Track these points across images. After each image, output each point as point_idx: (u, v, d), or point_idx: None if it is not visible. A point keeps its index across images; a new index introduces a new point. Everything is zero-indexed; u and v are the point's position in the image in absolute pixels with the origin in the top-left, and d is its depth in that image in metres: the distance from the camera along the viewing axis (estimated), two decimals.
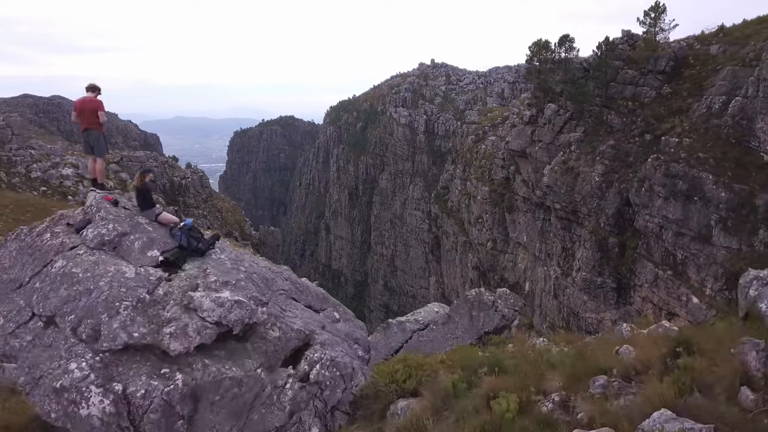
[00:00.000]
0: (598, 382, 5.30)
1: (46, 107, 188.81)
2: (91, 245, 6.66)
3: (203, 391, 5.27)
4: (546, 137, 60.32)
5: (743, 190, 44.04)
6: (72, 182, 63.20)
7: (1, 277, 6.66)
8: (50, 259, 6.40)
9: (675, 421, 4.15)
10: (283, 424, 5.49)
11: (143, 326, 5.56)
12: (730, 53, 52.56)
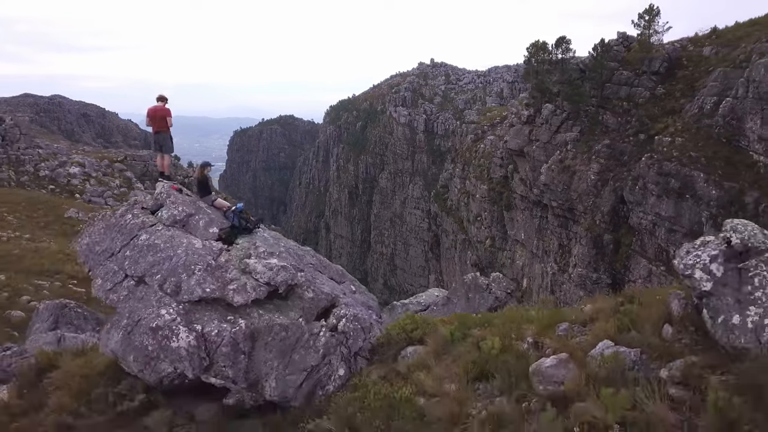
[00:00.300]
0: (561, 327, 6.90)
1: (47, 107, 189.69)
2: (167, 223, 8.30)
3: (259, 333, 6.84)
4: (543, 137, 61.90)
5: (733, 187, 45.59)
6: (79, 181, 64.85)
7: (95, 249, 8.29)
8: (135, 233, 8.01)
9: (613, 348, 5.73)
10: (317, 364, 7.05)
11: (212, 284, 7.15)
12: (722, 55, 54.14)
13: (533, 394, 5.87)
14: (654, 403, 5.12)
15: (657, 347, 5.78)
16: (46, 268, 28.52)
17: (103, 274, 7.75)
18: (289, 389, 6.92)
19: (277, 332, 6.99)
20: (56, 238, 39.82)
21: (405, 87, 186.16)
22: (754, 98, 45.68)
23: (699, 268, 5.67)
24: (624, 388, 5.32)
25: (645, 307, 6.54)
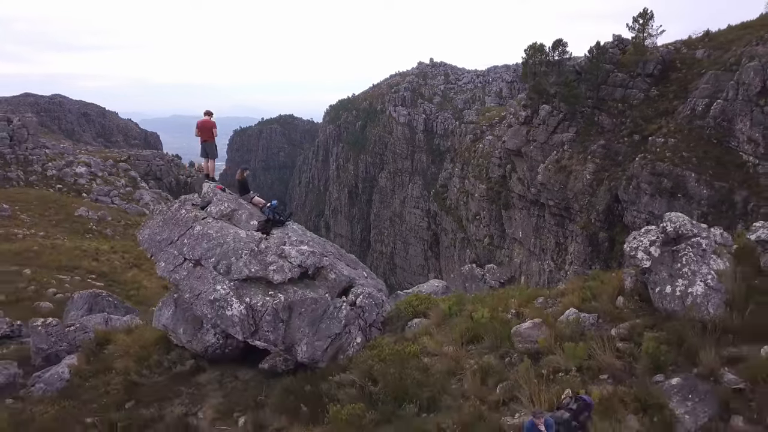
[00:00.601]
0: (538, 300, 8.52)
1: (48, 106, 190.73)
2: (215, 216, 9.90)
3: (295, 305, 8.42)
4: (540, 137, 63.53)
5: (723, 187, 47.21)
6: (86, 180, 66.44)
7: (155, 238, 9.91)
8: (190, 225, 9.61)
9: (576, 314, 7.35)
10: (339, 332, 8.66)
11: (256, 265, 8.74)
12: (714, 57, 55.80)
13: (514, 351, 7.50)
14: (604, 353, 6.74)
15: (610, 313, 7.39)
16: (64, 264, 30.09)
17: (165, 258, 9.39)
18: (317, 352, 8.52)
19: (308, 305, 8.61)
20: (69, 236, 41.40)
21: (404, 87, 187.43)
22: (743, 100, 47.30)
23: (641, 250, 7.28)
24: (582, 343, 6.93)
25: (605, 284, 8.17)
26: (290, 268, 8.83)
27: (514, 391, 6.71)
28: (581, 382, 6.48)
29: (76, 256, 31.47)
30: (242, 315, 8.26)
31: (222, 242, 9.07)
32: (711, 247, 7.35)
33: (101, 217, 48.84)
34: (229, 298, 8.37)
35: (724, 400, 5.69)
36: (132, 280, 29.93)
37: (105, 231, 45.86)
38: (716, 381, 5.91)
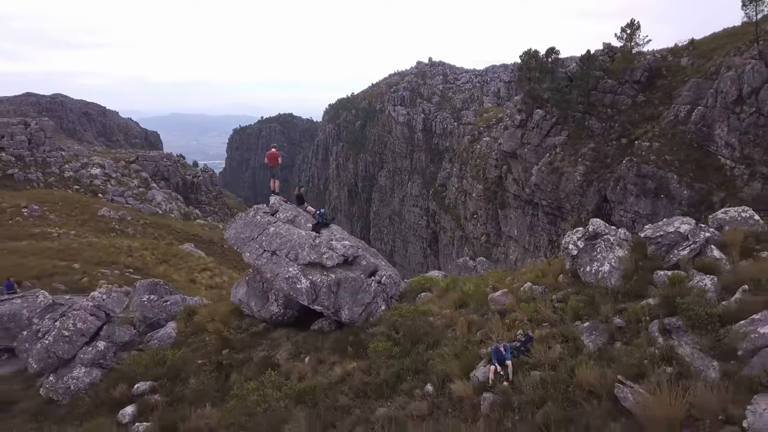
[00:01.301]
0: (508, 279, 12.41)
1: (49, 106, 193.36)
2: (283, 220, 13.69)
3: (341, 281, 12.19)
4: (534, 140, 67.48)
5: (702, 188, 51.10)
6: (101, 181, 70.22)
7: (240, 236, 13.72)
8: (266, 227, 13.41)
9: (530, 286, 11.24)
10: (370, 301, 12.45)
11: (314, 255, 12.51)
12: (698, 65, 59.73)
13: (489, 311, 11.38)
14: (546, 310, 10.63)
15: (553, 285, 11.27)
16: (103, 259, 33.95)
17: (249, 250, 13.18)
18: (355, 315, 12.30)
19: (350, 282, 12.38)
20: (97, 234, 45.19)
21: (403, 86, 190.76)
22: (721, 107, 51.17)
23: (572, 244, 11.15)
24: (533, 304, 10.83)
25: (551, 266, 12.05)
26: (337, 256, 12.61)
27: (489, 334, 10.56)
28: (530, 327, 10.33)
29: (112, 253, 35.31)
30: (307, 288, 12.02)
31: (290, 239, 12.86)
32: (617, 241, 11.19)
33: (122, 216, 52.60)
34: (298, 276, 12.13)
35: (612, 333, 9.55)
36: (163, 273, 33.78)
37: (127, 230, 49.61)
38: (608, 323, 9.74)
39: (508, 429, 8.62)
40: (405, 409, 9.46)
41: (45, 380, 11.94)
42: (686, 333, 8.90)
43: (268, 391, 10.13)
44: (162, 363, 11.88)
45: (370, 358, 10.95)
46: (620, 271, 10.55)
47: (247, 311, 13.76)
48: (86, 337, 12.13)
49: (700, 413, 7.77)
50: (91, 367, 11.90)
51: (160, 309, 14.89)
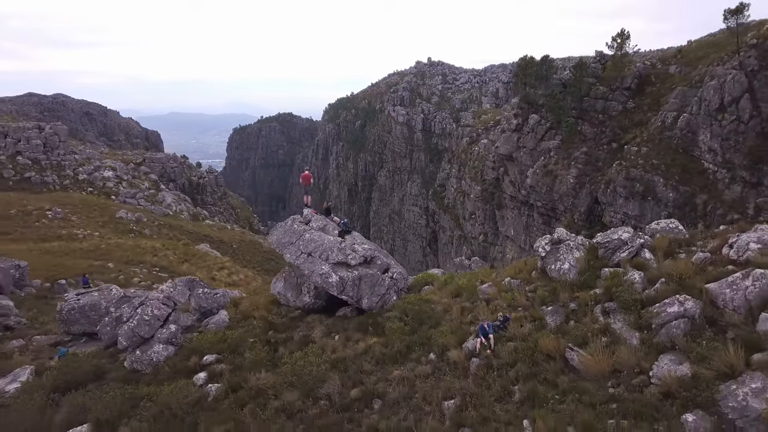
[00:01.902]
0: (494, 275, 15.79)
1: (51, 106, 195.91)
2: (315, 228, 17.07)
3: (362, 277, 15.53)
4: (529, 144, 70.98)
5: (687, 191, 54.61)
6: (113, 183, 73.62)
7: (282, 241, 17.11)
8: (302, 233, 16.80)
9: (510, 280, 14.63)
10: (384, 293, 15.80)
11: (341, 256, 15.87)
12: (684, 73, 63.22)
13: (478, 299, 14.83)
14: (521, 298, 14.10)
15: (527, 279, 14.71)
16: (131, 259, 37.38)
17: (289, 252, 16.56)
18: (373, 304, 15.67)
19: (369, 277, 15.77)
20: (118, 235, 48.60)
21: (403, 87, 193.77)
22: (705, 115, 54.66)
23: (540, 248, 14.59)
24: (511, 293, 14.29)
25: (527, 265, 15.48)
26: (358, 257, 15.98)
27: (477, 316, 13.97)
28: (508, 310, 13.74)
29: (138, 253, 38.74)
30: (337, 281, 15.40)
31: (322, 243, 16.24)
32: (575, 245, 14.60)
33: (138, 218, 55.98)
34: (329, 272, 15.51)
35: (567, 314, 12.98)
36: (187, 271, 37.23)
37: (144, 231, 53.01)
38: (565, 307, 13.13)
39: (489, 383, 12.09)
40: (414, 371, 12.93)
41: (129, 354, 15.33)
42: (619, 313, 12.38)
43: (310, 359, 13.55)
44: (223, 341, 15.29)
45: (386, 335, 14.40)
46: (576, 269, 14.02)
47: (284, 301, 17.19)
48: (161, 321, 15.50)
49: (622, 367, 11.24)
50: (166, 344, 15.28)
51: (213, 300, 18.29)
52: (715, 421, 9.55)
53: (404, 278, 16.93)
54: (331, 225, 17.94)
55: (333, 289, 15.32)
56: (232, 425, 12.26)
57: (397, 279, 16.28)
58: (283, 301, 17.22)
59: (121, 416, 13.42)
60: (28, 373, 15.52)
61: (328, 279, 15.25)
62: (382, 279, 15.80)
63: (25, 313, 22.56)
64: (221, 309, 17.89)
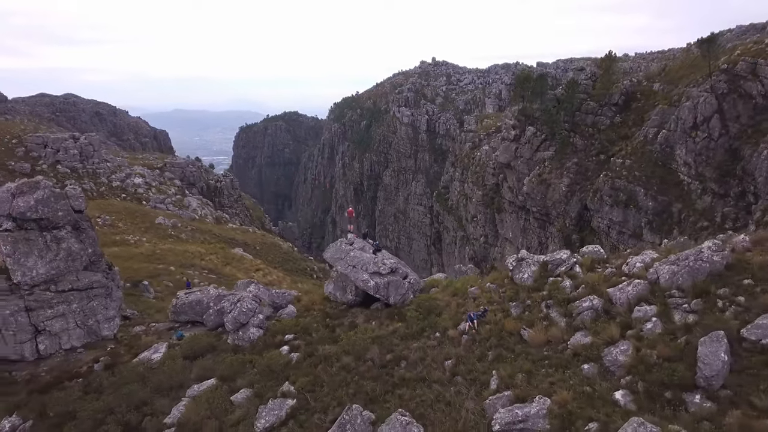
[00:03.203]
0: (479, 280, 23.43)
1: (62, 106, 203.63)
2: (357, 248, 24.65)
3: (390, 282, 22.94)
4: (526, 154, 78.67)
5: (664, 200, 62.34)
6: (143, 190, 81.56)
7: (334, 257, 24.71)
8: (348, 252, 24.33)
9: (490, 285, 22.39)
10: (404, 293, 23.21)
11: (375, 268, 23.32)
12: (666, 91, 70.83)
13: (468, 297, 22.58)
14: (496, 297, 21.90)
15: (501, 284, 22.35)
16: (184, 262, 45.19)
17: (340, 265, 24.18)
18: (397, 300, 23.18)
19: (394, 282, 23.34)
20: (160, 240, 56.37)
21: (408, 88, 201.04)
22: (681, 132, 62.36)
23: (509, 263, 22.26)
24: (490, 294, 22.06)
25: (502, 274, 23.21)
26: (387, 268, 23.58)
27: (467, 309, 21.71)
28: (487, 305, 21.48)
29: (188, 257, 46.58)
30: (373, 285, 23.03)
31: (362, 259, 23.86)
32: (533, 262, 22.21)
33: (173, 224, 63.87)
34: (368, 279, 23.12)
35: (525, 308, 20.69)
36: (230, 273, 45.08)
37: (180, 236, 60.87)
38: (524, 303, 20.78)
39: (473, 350, 19.85)
40: (425, 344, 20.71)
41: (232, 335, 23.07)
42: (555, 306, 20.13)
43: (358, 335, 21.34)
44: (297, 325, 23.07)
45: (406, 321, 22.18)
46: (532, 278, 21.80)
47: (333, 298, 24.95)
48: (252, 312, 23.20)
49: (553, 340, 18.97)
50: (257, 328, 22.99)
51: (283, 297, 26.02)
52: (599, 368, 17.29)
53: (418, 282, 24.63)
54: (367, 245, 25.65)
55: (370, 291, 23.05)
56: (311, 377, 20.09)
57: (413, 283, 24.00)
58: (332, 298, 24.98)
59: (235, 374, 21.26)
60: (164, 347, 23.39)
61: (368, 284, 22.97)
62: (402, 283, 23.52)
63: (128, 307, 30.37)
64: (289, 304, 25.63)
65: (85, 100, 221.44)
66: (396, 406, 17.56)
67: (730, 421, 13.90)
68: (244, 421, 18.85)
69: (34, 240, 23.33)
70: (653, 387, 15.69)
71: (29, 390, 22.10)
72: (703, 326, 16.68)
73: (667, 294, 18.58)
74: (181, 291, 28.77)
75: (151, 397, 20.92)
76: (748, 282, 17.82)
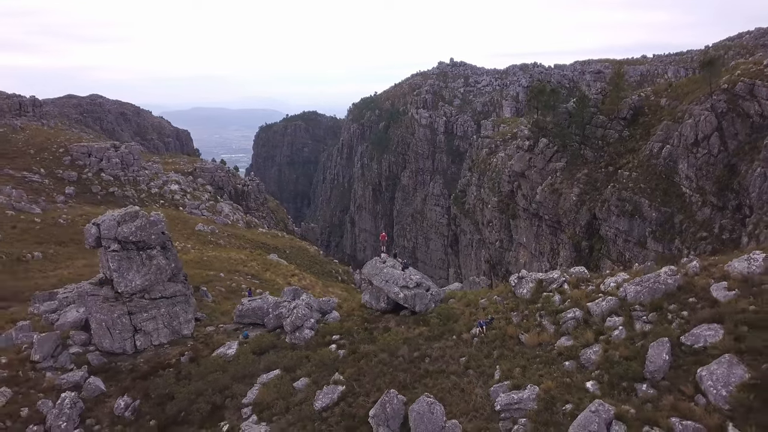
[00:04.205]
0: (487, 293, 29.43)
1: (89, 107, 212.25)
2: (389, 266, 30.73)
3: (416, 294, 28.79)
4: (539, 164, 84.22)
5: (667, 211, 67.63)
6: (179, 196, 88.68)
7: (371, 273, 30.82)
8: (381, 269, 30.32)
9: (496, 297, 28.44)
10: (427, 302, 29.13)
11: (403, 282, 29.33)
12: (672, 107, 75.89)
13: (478, 307, 28.66)
14: (500, 307, 27.97)
15: (505, 297, 28.48)
16: (229, 269, 51.75)
17: (376, 280, 30.15)
18: (422, 308, 29.06)
19: (420, 294, 29.27)
20: (202, 246, 63.07)
21: (426, 90, 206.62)
22: (683, 147, 67.55)
23: (511, 281, 28.21)
24: (496, 305, 28.12)
25: (506, 288, 29.13)
26: (414, 283, 29.54)
27: (477, 317, 27.68)
28: (493, 314, 27.43)
29: (233, 264, 53.16)
30: (403, 297, 29.01)
31: (393, 275, 29.84)
32: (530, 279, 28.07)
33: (212, 230, 70.64)
34: (398, 291, 29.08)
35: (524, 317, 26.70)
36: (270, 278, 51.55)
37: (219, 241, 67.59)
38: (522, 313, 26.78)
39: (482, 350, 25.95)
40: (445, 344, 26.85)
41: (290, 335, 29.36)
42: (546, 316, 26.14)
43: (392, 337, 27.54)
44: (341, 328, 29.32)
45: (429, 326, 28.33)
46: (530, 292, 27.80)
47: (368, 306, 31.16)
48: (306, 317, 29.45)
49: (544, 342, 24.97)
50: (310, 330, 29.25)
51: (328, 304, 32.30)
52: (576, 364, 23.27)
53: (438, 294, 30.71)
54: (397, 263, 31.81)
55: (400, 301, 29.21)
56: (356, 369, 26.33)
57: (434, 294, 30.10)
58: (368, 305, 31.21)
59: (295, 366, 27.60)
60: (235, 344, 29.82)
61: (398, 295, 29.13)
62: (426, 295, 29.64)
63: (198, 311, 36.90)
64: (333, 310, 31.89)
65: (111, 100, 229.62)
66: (422, 392, 23.69)
67: (665, 403, 19.79)
68: (305, 401, 25.15)
69: (133, 258, 29.86)
70: (614, 378, 21.61)
71: (133, 377, 28.66)
72: (655, 334, 22.58)
73: (631, 308, 24.48)
74: (244, 298, 35.22)
75: (231, 383, 27.35)
76: (692, 300, 23.63)
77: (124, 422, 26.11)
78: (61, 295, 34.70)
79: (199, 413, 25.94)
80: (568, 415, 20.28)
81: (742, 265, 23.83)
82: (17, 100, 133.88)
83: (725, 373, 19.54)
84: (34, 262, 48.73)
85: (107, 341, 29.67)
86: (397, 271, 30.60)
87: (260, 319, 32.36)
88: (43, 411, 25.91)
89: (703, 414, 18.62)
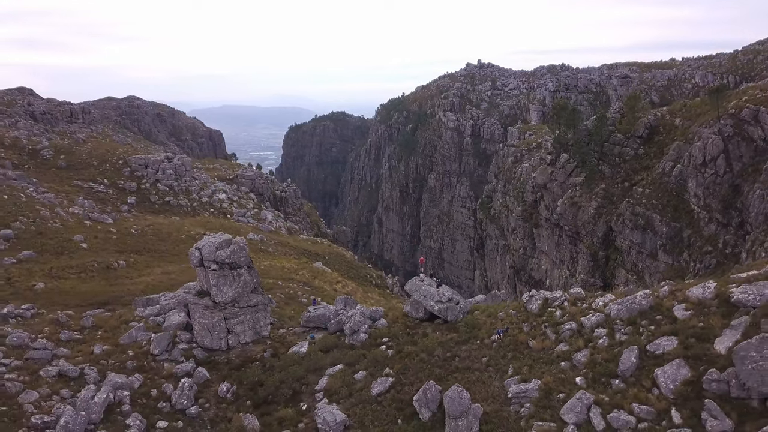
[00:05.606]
0: (504, 306, 38.08)
1: (127, 109, 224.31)
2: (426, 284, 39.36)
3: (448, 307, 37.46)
4: (560, 178, 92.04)
5: (677, 226, 75.09)
6: (227, 204, 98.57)
7: (411, 289, 39.69)
8: (420, 286, 39.09)
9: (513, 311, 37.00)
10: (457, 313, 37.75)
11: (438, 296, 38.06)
12: (685, 127, 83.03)
13: (497, 318, 37.25)
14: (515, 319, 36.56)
15: (519, 311, 36.98)
16: (284, 277, 61.00)
17: (417, 294, 38.72)
18: (453, 318, 37.53)
19: (451, 307, 37.74)
20: (256, 254, 72.40)
21: (453, 93, 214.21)
22: (692, 167, 74.91)
23: (524, 298, 36.72)
24: (511, 317, 36.75)
25: (519, 304, 37.64)
26: (446, 298, 37.93)
27: (496, 326, 36.25)
28: (509, 324, 35.88)
29: (286, 272, 62.40)
30: (438, 309, 37.46)
31: (430, 291, 38.25)
32: (539, 298, 36.41)
33: (261, 239, 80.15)
34: (434, 304, 37.44)
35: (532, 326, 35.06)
36: (319, 285, 60.65)
37: (268, 249, 77.03)
38: (531, 323, 35.17)
39: (499, 352, 34.61)
40: (471, 347, 35.54)
41: (348, 337, 38.23)
42: (549, 327, 34.64)
43: (429, 340, 36.27)
44: (389, 332, 38.14)
45: (459, 332, 37.02)
46: (538, 307, 36.31)
47: (409, 315, 39.97)
48: (361, 323, 38.28)
49: (547, 347, 33.47)
50: (364, 333, 38.07)
51: (377, 313, 41.17)
52: (570, 365, 31.79)
53: (466, 307, 39.32)
54: (432, 281, 40.56)
55: (435, 312, 37.94)
56: (402, 365, 35.19)
57: (463, 307, 38.76)
58: (409, 315, 40.05)
59: (355, 362, 36.58)
60: (306, 344, 38.93)
61: (434, 308, 37.86)
62: (456, 307, 38.30)
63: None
64: (381, 317, 40.76)
65: (147, 102, 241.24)
66: (453, 382, 32.36)
67: (630, 393, 28.19)
68: (364, 389, 34.11)
69: (227, 275, 39.16)
70: (597, 375, 30.06)
71: (229, 368, 37.98)
72: (628, 342, 30.97)
73: (613, 323, 32.84)
74: (310, 306, 44.38)
75: (305, 374, 36.47)
76: (659, 317, 31.90)
77: (227, 402, 35.45)
78: (163, 302, 44.25)
79: (283, 396, 35.12)
80: (561, 401, 28.83)
81: (698, 291, 32.00)
82: (68, 108, 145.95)
83: (674, 372, 27.87)
84: (120, 269, 58.63)
85: (207, 340, 39.09)
86: (433, 288, 39.35)
87: (323, 324, 41.46)
88: (167, 392, 35.38)
89: (656, 401, 27.02)
